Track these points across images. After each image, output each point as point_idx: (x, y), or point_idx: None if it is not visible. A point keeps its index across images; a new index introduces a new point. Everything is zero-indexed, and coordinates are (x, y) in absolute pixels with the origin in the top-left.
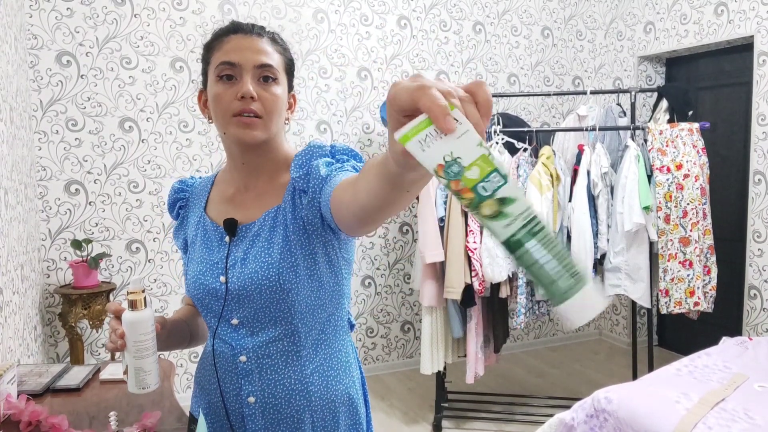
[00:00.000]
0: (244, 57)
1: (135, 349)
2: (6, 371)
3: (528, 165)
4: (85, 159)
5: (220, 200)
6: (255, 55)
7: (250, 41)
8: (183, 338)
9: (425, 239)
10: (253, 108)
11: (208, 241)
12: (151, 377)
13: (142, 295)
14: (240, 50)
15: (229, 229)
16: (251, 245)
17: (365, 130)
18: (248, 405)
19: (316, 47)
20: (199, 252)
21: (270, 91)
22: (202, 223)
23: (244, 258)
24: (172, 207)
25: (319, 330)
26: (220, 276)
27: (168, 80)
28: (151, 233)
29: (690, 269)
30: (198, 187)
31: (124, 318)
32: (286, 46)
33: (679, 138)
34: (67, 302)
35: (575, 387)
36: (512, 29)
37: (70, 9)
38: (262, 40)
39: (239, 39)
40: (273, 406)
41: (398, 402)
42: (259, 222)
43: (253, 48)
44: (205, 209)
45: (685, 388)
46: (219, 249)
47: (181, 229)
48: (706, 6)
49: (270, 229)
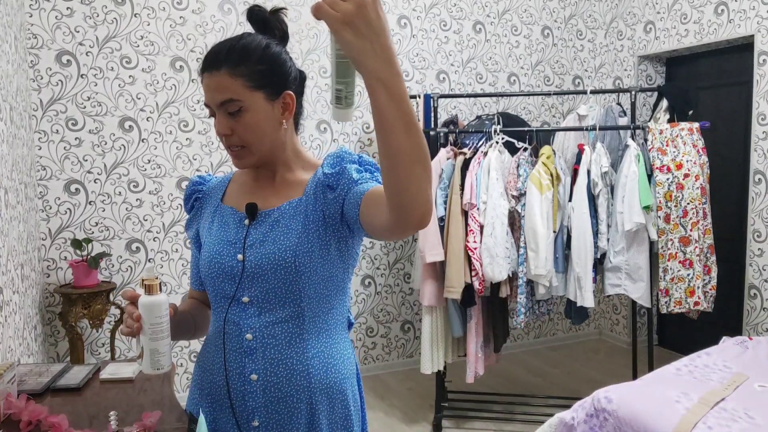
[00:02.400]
0: (210, 97)
1: (151, 331)
2: (6, 371)
3: (528, 165)
4: (85, 158)
5: (238, 191)
6: (214, 94)
7: (210, 80)
8: (188, 329)
9: (425, 239)
10: (231, 143)
11: (225, 224)
12: (165, 359)
13: (158, 281)
14: (207, 91)
15: (250, 212)
16: (270, 229)
17: (365, 129)
18: (250, 382)
19: (316, 47)
20: (216, 233)
21: (241, 122)
22: (219, 211)
23: (263, 240)
24: (189, 198)
25: (323, 319)
26: (238, 254)
27: (168, 80)
28: (151, 233)
29: (690, 269)
30: (215, 184)
31: (141, 302)
32: (255, 55)
33: (680, 137)
34: (67, 302)
35: (575, 387)
36: (512, 29)
37: (70, 8)
38: (219, 74)
39: (206, 78)
40: (274, 384)
41: (398, 402)
42: (280, 210)
43: (211, 87)
44: (222, 201)
45: (685, 387)
46: (237, 230)
47: (194, 221)
48: (706, 5)
49: (291, 217)
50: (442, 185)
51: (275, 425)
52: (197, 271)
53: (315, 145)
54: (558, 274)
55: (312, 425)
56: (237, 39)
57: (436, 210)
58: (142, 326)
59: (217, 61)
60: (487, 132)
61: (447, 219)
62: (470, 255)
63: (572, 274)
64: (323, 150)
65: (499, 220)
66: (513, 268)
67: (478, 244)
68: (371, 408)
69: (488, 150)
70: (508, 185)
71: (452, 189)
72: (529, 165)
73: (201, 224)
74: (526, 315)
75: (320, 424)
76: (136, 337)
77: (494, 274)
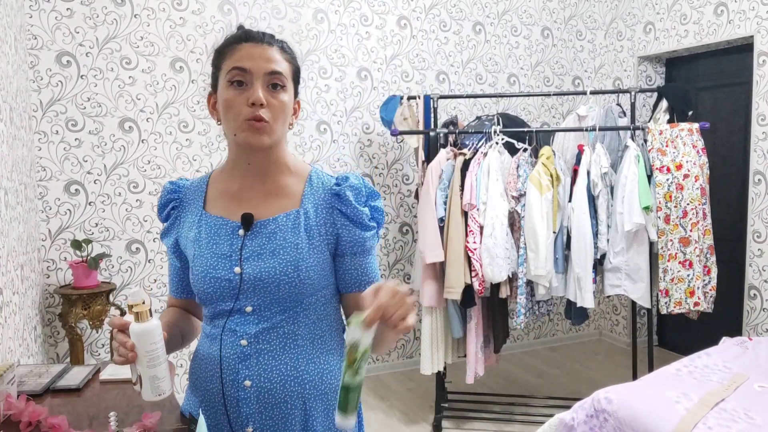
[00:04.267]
0: (255, 64)
1: (148, 358)
2: (6, 371)
3: (528, 165)
4: (85, 159)
5: (222, 197)
6: (265, 63)
7: (261, 49)
8: (176, 343)
9: (425, 239)
10: (262, 114)
11: (215, 235)
12: (165, 383)
13: (148, 306)
14: (251, 58)
15: (246, 223)
16: (268, 241)
17: (365, 130)
18: (244, 389)
19: (316, 47)
20: (207, 246)
21: (278, 98)
22: (204, 221)
23: (260, 252)
24: (164, 207)
25: (318, 325)
26: (235, 267)
27: (168, 80)
28: (151, 233)
29: (690, 269)
30: (191, 189)
31: (133, 330)
32: (294, 55)
33: (679, 138)
34: (67, 302)
35: (575, 387)
36: (512, 29)
37: (70, 9)
38: (272, 48)
39: (250, 47)
40: (268, 390)
41: (398, 402)
42: (277, 221)
43: (263, 56)
44: (204, 208)
45: (685, 388)
46: (231, 242)
47: (172, 230)
48: (705, 6)
49: (290, 230)
50: (442, 186)
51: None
52: (177, 280)
53: (315, 145)
54: (558, 275)
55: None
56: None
57: (436, 210)
58: (137, 355)
59: (270, 38)
60: (487, 133)
61: (447, 219)
62: (470, 255)
63: (572, 274)
64: (323, 150)
65: (498, 220)
66: (513, 269)
67: (478, 245)
68: (371, 408)
69: (488, 151)
70: (508, 186)
71: (452, 189)
72: (529, 165)
73: (181, 233)
74: (526, 315)
75: (315, 430)
76: (131, 365)
77: (494, 275)
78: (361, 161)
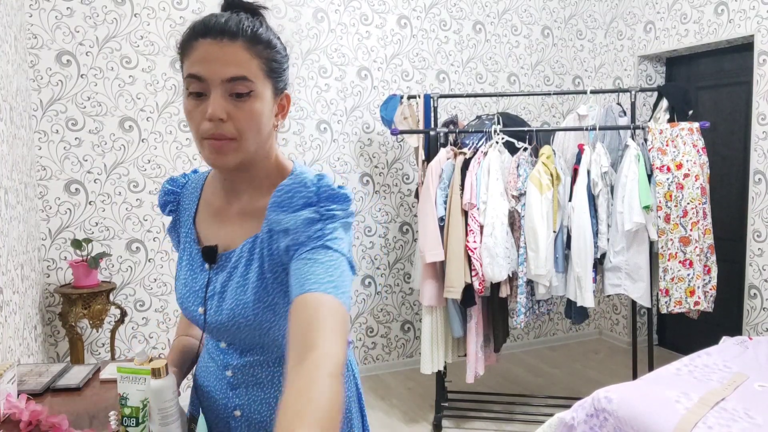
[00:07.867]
0: (210, 69)
1: (161, 416)
2: (6, 371)
3: (528, 164)
4: (85, 158)
5: (206, 212)
6: (223, 67)
7: (219, 49)
8: (190, 369)
9: (425, 239)
10: (222, 132)
11: (192, 262)
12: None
13: (164, 362)
14: (207, 61)
15: (208, 257)
16: (229, 277)
17: (365, 129)
18: (234, 418)
19: (316, 47)
20: (184, 273)
21: (244, 109)
22: (190, 237)
23: (222, 291)
24: (164, 207)
25: None
26: (199, 306)
27: (168, 80)
28: (151, 233)
29: (690, 269)
30: (189, 188)
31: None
32: (270, 39)
33: (679, 137)
34: (67, 302)
35: (575, 386)
36: (512, 29)
37: (70, 8)
38: (234, 45)
39: (207, 46)
40: (258, 422)
41: (398, 402)
42: (238, 252)
43: (222, 58)
44: (195, 219)
45: (685, 387)
46: (200, 275)
47: (175, 228)
48: (706, 5)
49: (246, 262)
50: (442, 185)
51: None
52: None
53: (315, 145)
54: (558, 274)
55: None
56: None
57: (436, 210)
58: (150, 412)
59: (232, 30)
60: (487, 132)
61: (447, 219)
62: (470, 255)
63: (572, 274)
64: (323, 150)
65: (499, 220)
66: (513, 268)
67: (478, 244)
68: (371, 407)
69: (488, 150)
70: (508, 185)
71: (452, 189)
72: (529, 165)
73: (181, 233)
74: (526, 315)
75: None
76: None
77: (494, 274)
78: (361, 161)
